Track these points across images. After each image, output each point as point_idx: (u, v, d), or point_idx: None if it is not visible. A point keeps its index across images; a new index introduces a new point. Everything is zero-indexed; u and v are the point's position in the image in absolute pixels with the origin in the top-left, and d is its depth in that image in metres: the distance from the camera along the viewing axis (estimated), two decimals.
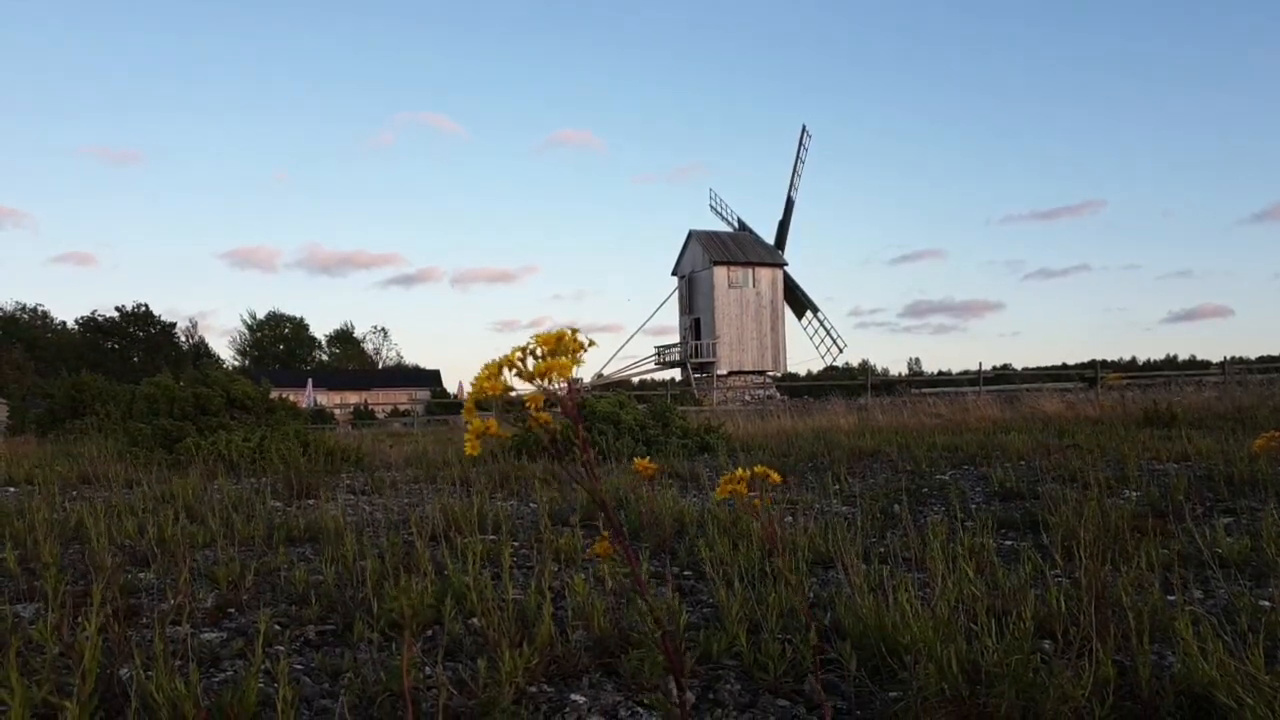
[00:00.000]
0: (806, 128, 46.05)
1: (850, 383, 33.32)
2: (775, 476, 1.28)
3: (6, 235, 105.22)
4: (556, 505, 4.83)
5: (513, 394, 0.85)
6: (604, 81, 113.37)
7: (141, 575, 3.35)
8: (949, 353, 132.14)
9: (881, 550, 3.34)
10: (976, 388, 23.32)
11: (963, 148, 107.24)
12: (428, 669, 2.17)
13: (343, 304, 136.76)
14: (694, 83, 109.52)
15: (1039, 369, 31.64)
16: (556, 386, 0.82)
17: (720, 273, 45.54)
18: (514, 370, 0.84)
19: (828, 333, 47.09)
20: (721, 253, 45.84)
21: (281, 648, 2.40)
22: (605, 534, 0.88)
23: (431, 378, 71.49)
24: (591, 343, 0.86)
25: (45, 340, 73.29)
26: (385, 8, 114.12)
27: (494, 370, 0.85)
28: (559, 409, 0.83)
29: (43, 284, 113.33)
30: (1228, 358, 27.39)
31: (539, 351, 0.84)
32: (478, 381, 0.84)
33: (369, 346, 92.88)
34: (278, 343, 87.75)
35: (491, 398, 0.83)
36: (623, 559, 0.87)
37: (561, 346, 0.84)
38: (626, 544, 0.86)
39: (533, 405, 0.84)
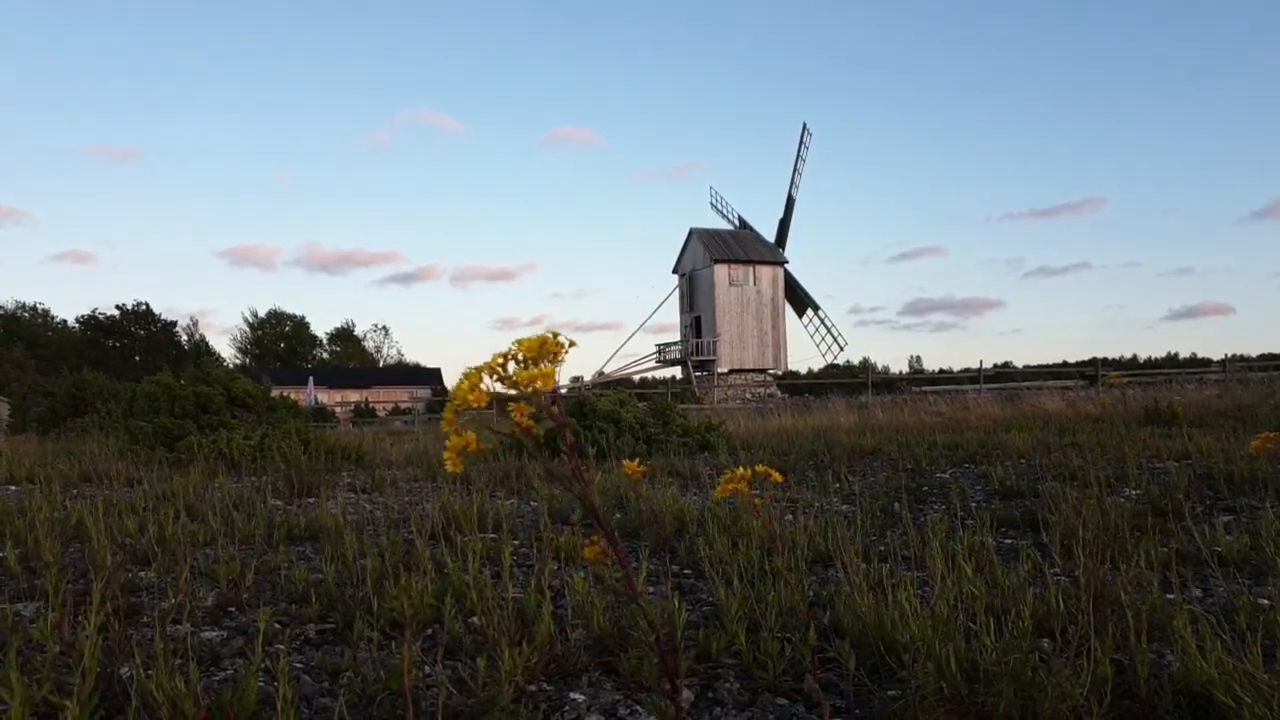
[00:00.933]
0: (807, 126, 46.12)
1: (851, 381, 33.32)
2: (776, 475, 1.28)
3: (6, 234, 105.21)
4: (557, 503, 4.83)
5: (490, 407, 0.82)
6: (604, 79, 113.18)
7: (142, 574, 3.36)
8: (950, 351, 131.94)
9: (881, 549, 3.35)
10: (977, 386, 23.34)
11: (962, 146, 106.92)
12: (427, 667, 2.17)
13: (342, 302, 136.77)
14: (694, 81, 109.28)
15: (1040, 367, 31.65)
16: (540, 391, 0.80)
17: (721, 271, 45.54)
18: (495, 377, 0.82)
19: (828, 331, 47.13)
20: (722, 251, 45.84)
21: (281, 646, 2.41)
22: (595, 538, 0.87)
23: (432, 376, 71.49)
24: (572, 343, 0.84)
25: (46, 339, 73.33)
26: (385, 7, 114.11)
27: (475, 379, 0.82)
28: (546, 415, 0.81)
29: (43, 282, 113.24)
30: (1229, 355, 27.44)
31: (520, 357, 0.82)
32: (459, 392, 0.82)
33: (370, 345, 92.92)
34: (278, 341, 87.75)
35: (475, 408, 0.80)
36: (615, 563, 0.86)
37: (544, 351, 0.82)
38: (619, 548, 0.85)
39: (517, 413, 0.82)
